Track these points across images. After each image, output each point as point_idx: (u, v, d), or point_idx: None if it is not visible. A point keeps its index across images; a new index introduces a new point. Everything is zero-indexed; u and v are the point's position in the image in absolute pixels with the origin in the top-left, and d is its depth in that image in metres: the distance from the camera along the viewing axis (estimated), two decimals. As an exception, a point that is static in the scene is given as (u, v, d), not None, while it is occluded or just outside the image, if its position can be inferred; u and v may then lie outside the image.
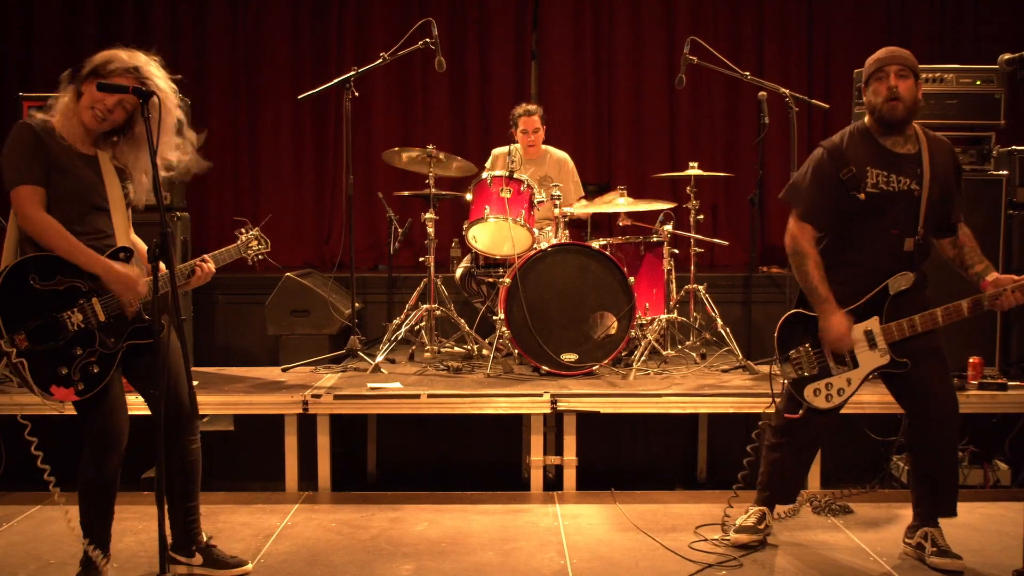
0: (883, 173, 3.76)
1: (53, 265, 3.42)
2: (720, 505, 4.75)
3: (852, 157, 3.79)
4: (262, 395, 5.21)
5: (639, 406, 5.16)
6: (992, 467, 5.37)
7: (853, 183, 3.75)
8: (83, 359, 3.44)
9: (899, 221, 3.77)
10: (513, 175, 5.76)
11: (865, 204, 3.76)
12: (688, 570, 3.89)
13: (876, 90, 3.79)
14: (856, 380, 3.86)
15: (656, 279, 5.94)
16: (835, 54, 8.06)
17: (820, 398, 3.87)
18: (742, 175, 7.62)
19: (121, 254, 3.50)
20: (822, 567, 3.96)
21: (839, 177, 3.77)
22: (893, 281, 3.79)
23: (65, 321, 3.42)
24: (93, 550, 3.58)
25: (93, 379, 3.46)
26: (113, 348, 3.49)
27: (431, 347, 6.03)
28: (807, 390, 3.87)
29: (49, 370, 3.40)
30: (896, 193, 3.76)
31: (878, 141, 3.82)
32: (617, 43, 8.17)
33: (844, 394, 3.86)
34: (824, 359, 3.86)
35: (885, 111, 3.76)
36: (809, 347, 3.87)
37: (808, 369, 3.87)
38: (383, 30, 7.96)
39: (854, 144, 3.83)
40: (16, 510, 4.65)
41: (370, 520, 4.59)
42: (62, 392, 3.41)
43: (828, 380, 3.86)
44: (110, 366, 3.49)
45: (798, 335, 3.90)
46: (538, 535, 4.37)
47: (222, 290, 6.95)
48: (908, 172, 3.77)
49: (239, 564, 3.84)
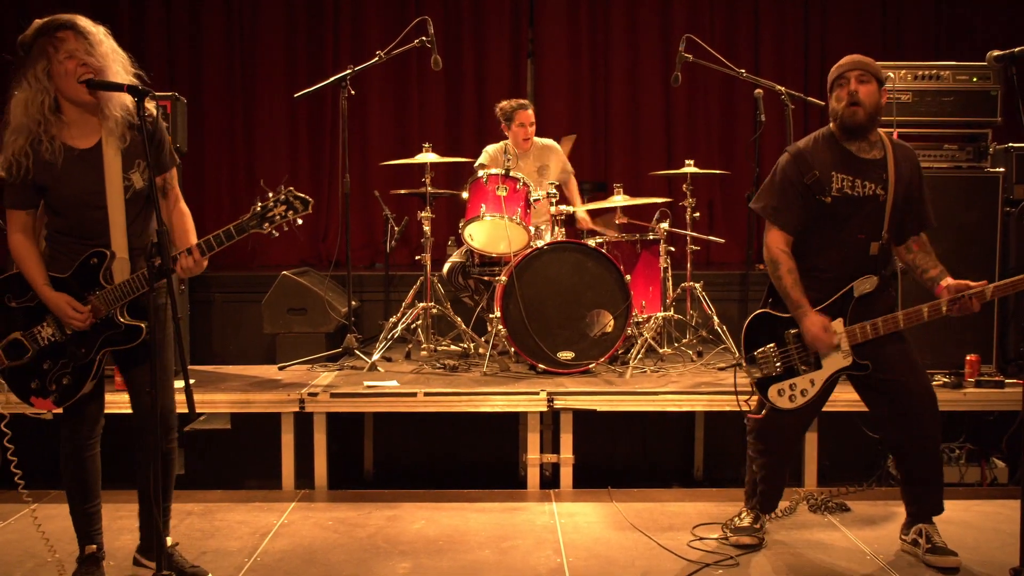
0: (848, 178, 3.79)
1: (26, 283, 3.47)
2: (717, 503, 4.76)
3: (816, 162, 3.81)
4: (259, 393, 5.21)
5: (636, 404, 5.16)
6: (989, 465, 5.38)
7: (818, 187, 3.78)
8: (54, 372, 3.48)
9: (864, 226, 3.81)
10: (509, 173, 5.75)
11: (830, 208, 3.78)
12: (685, 569, 3.89)
13: (838, 96, 3.81)
14: (819, 381, 3.86)
15: (652, 277, 5.94)
16: (831, 51, 8.04)
17: (784, 398, 3.87)
18: (738, 172, 7.63)
19: (93, 259, 3.44)
20: (819, 565, 3.97)
21: (803, 182, 3.80)
22: (858, 284, 3.81)
23: (35, 336, 3.48)
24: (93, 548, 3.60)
25: (67, 390, 3.49)
26: (86, 358, 3.48)
27: (428, 345, 6.03)
28: (771, 390, 3.88)
29: (24, 383, 3.50)
30: (861, 198, 3.79)
31: (843, 147, 3.84)
32: (613, 41, 8.17)
33: (807, 395, 3.86)
34: (789, 360, 3.87)
35: (846, 116, 3.77)
36: (775, 347, 3.88)
37: (772, 369, 3.87)
38: (379, 28, 7.96)
39: (819, 149, 3.85)
40: (13, 508, 4.64)
41: (367, 518, 4.58)
42: (41, 403, 3.50)
43: (792, 380, 3.86)
44: (84, 376, 3.49)
45: (764, 335, 3.91)
46: (535, 533, 4.37)
47: (219, 288, 6.95)
48: (873, 177, 3.80)
49: (198, 574, 3.75)
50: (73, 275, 3.44)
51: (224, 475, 5.41)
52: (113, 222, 3.45)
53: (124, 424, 3.65)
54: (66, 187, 3.39)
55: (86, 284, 3.44)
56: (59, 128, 3.39)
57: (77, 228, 3.45)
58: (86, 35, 3.36)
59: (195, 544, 4.19)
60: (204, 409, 5.23)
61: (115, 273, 3.45)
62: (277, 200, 3.48)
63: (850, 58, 3.86)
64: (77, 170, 3.40)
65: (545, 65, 8.21)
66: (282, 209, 3.49)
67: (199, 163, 7.93)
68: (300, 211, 3.53)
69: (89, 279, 3.45)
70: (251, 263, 8.01)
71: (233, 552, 4.12)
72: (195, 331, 6.52)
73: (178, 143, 5.60)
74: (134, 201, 3.48)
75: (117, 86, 3.31)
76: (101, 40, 3.40)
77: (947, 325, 3.84)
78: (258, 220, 3.48)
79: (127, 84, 3.30)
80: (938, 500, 3.96)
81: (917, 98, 5.63)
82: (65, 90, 3.35)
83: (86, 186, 3.41)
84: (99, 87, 3.33)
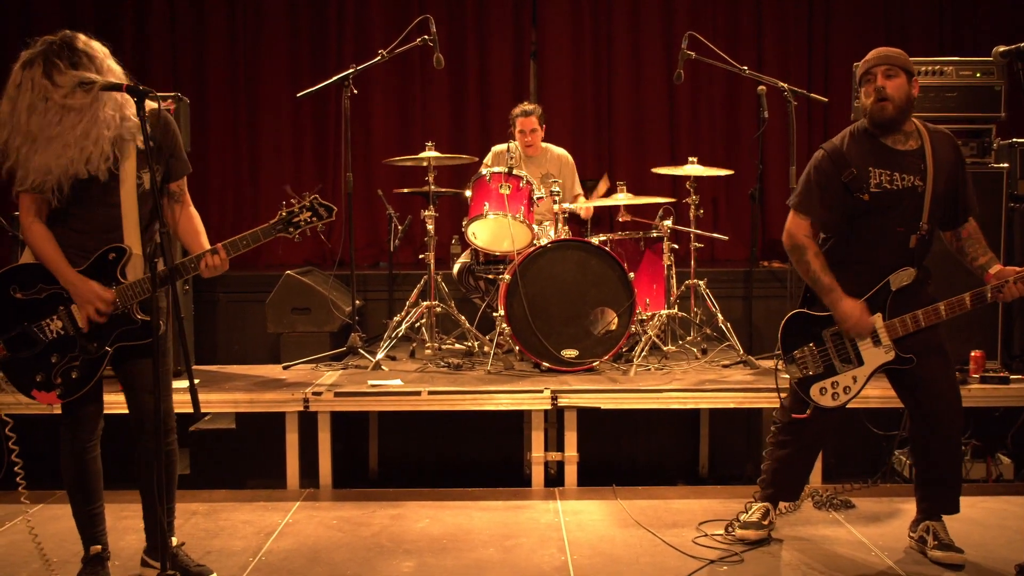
0: (886, 172, 3.74)
1: (35, 274, 3.44)
2: (722, 500, 4.75)
3: (853, 158, 3.77)
4: (263, 393, 5.21)
5: (640, 402, 5.15)
6: (995, 461, 5.36)
7: (856, 185, 3.74)
8: (61, 365, 3.45)
9: (903, 219, 3.76)
10: (512, 171, 5.75)
11: (869, 204, 3.74)
12: (690, 566, 3.88)
13: (866, 92, 3.78)
14: (862, 377, 3.84)
15: (656, 275, 5.93)
16: (834, 47, 8.05)
17: (826, 397, 3.86)
18: (742, 170, 7.61)
19: (111, 255, 3.44)
20: (824, 562, 3.96)
21: (841, 180, 3.76)
22: (895, 277, 3.78)
23: (43, 329, 3.45)
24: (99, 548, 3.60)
25: (74, 384, 3.47)
26: (97, 352, 3.47)
27: (432, 344, 6.02)
28: (813, 389, 3.86)
29: (28, 376, 3.45)
30: (900, 191, 3.74)
31: (878, 140, 3.80)
32: (616, 39, 8.16)
33: (850, 392, 3.85)
34: (829, 358, 3.86)
35: (875, 112, 3.74)
36: (813, 346, 3.87)
37: (813, 368, 3.86)
38: (382, 28, 7.96)
39: (854, 145, 3.82)
40: (18, 509, 4.64)
41: (371, 517, 4.58)
42: (43, 396, 3.47)
43: (834, 379, 3.85)
44: (94, 370, 3.48)
45: (802, 334, 3.89)
46: (539, 531, 4.37)
47: (223, 288, 6.95)
48: (911, 169, 3.75)
49: (203, 573, 3.76)
50: (89, 269, 3.43)
51: (229, 475, 5.41)
52: (127, 219, 3.45)
53: (125, 424, 3.64)
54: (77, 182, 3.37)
55: (103, 279, 3.44)
56: None
57: (91, 222, 3.43)
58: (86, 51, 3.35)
59: (200, 543, 4.19)
60: (209, 409, 5.24)
61: (129, 270, 3.46)
62: (303, 207, 3.57)
63: (876, 52, 3.82)
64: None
65: (548, 64, 8.21)
66: (307, 215, 3.58)
67: (203, 162, 7.92)
68: (324, 218, 3.61)
69: (106, 274, 3.44)
70: (255, 263, 8.01)
71: (238, 551, 4.12)
72: (200, 331, 6.52)
73: (182, 143, 5.60)
74: (144, 200, 3.48)
75: (116, 86, 3.30)
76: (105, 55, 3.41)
77: (951, 322, 3.81)
78: (284, 225, 3.58)
79: (126, 84, 3.27)
80: (953, 500, 3.92)
81: (921, 94, 5.55)
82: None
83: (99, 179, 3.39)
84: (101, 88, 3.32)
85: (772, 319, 6.59)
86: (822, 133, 8.05)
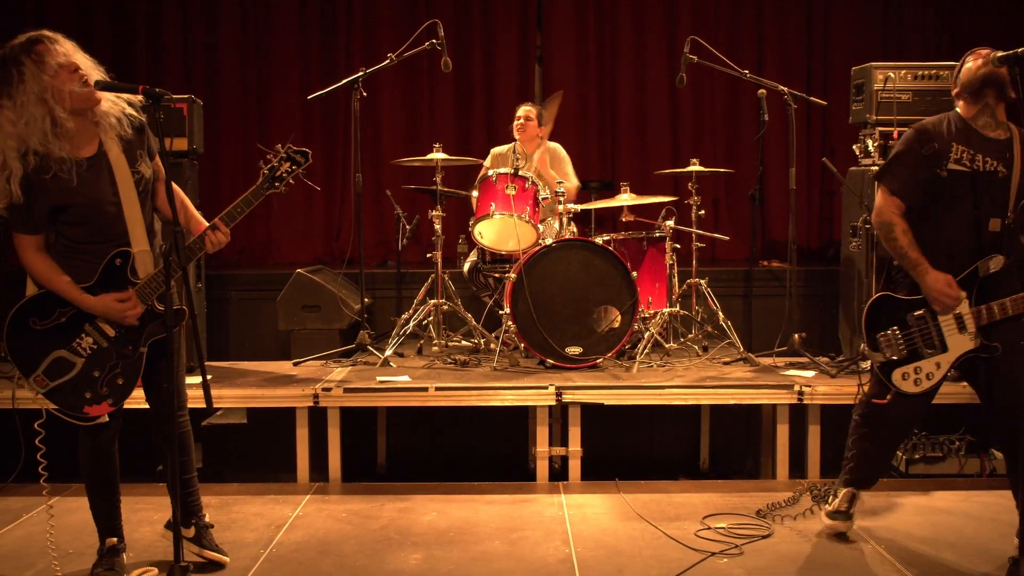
0: (967, 151, 3.66)
1: (49, 302, 3.43)
2: (723, 494, 4.76)
3: (937, 135, 3.69)
4: (274, 389, 5.22)
5: (642, 398, 5.15)
6: (988, 456, 5.36)
7: (935, 159, 3.66)
8: (104, 377, 3.45)
9: (984, 202, 3.66)
10: (518, 172, 5.75)
11: (948, 182, 3.66)
12: (691, 558, 3.89)
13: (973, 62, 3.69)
14: (945, 364, 3.72)
15: (659, 273, 5.94)
16: (833, 52, 8.03)
17: (908, 382, 3.75)
18: (742, 171, 7.61)
19: (117, 260, 3.43)
20: (821, 554, 3.96)
21: (922, 152, 3.69)
22: (983, 264, 3.66)
23: (75, 350, 3.43)
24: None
25: (121, 389, 3.48)
26: (134, 354, 3.48)
27: (439, 341, 6.03)
28: (895, 374, 3.75)
29: (77, 397, 3.44)
30: (980, 173, 3.66)
31: (968, 124, 3.72)
32: (620, 43, 8.15)
33: (933, 379, 3.73)
34: (913, 342, 3.74)
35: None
36: (897, 330, 3.76)
37: (896, 352, 3.75)
38: (390, 32, 7.95)
39: (943, 124, 3.74)
40: (36, 501, 4.65)
41: (380, 510, 4.59)
42: (96, 409, 3.47)
43: (917, 364, 3.74)
44: (136, 372, 3.50)
45: (886, 318, 3.78)
46: (544, 524, 4.37)
47: (235, 286, 6.97)
48: (995, 154, 3.67)
49: (218, 551, 3.81)
50: (98, 281, 3.42)
51: (240, 468, 5.43)
52: (130, 218, 3.44)
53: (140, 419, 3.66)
54: (84, 198, 3.36)
55: (115, 286, 3.43)
56: (61, 144, 3.30)
57: (96, 234, 3.42)
58: (61, 43, 3.30)
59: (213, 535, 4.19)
60: (221, 404, 5.25)
61: (138, 267, 3.45)
62: (281, 159, 3.56)
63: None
64: (90, 178, 3.37)
65: (553, 67, 8.20)
66: (287, 166, 3.57)
67: (215, 163, 7.94)
68: (303, 164, 3.59)
69: (118, 280, 3.44)
70: (266, 261, 8.02)
71: (249, 543, 4.13)
72: (212, 328, 6.54)
73: (195, 144, 5.61)
74: (144, 192, 3.49)
75: (131, 88, 3.28)
76: (75, 47, 3.36)
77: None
78: (270, 183, 3.57)
79: (142, 87, 3.24)
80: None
81: (917, 97, 5.62)
82: (64, 101, 3.26)
83: (101, 191, 3.39)
84: (109, 88, 3.32)
85: (771, 317, 6.59)
86: (821, 135, 8.05)
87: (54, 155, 3.28)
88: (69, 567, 3.81)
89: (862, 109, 5.77)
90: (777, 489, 4.89)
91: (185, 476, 3.72)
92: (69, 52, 3.29)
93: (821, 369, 5.47)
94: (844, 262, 6.03)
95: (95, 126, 3.39)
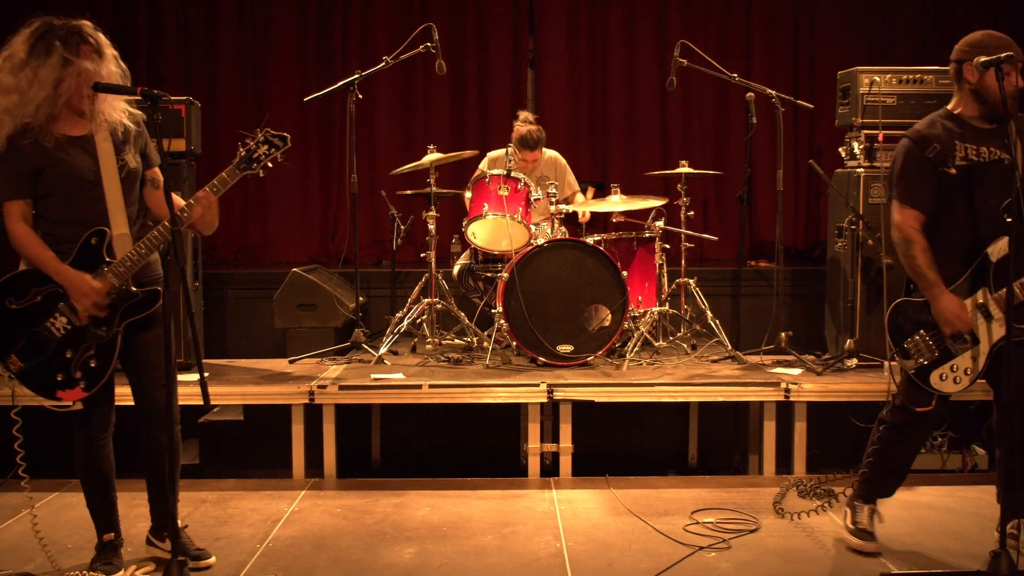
0: (971, 147, 3.63)
1: (26, 280, 3.42)
2: (711, 489, 4.77)
3: (936, 137, 3.65)
4: (270, 386, 5.22)
5: (632, 395, 5.16)
6: (970, 452, 5.39)
7: (940, 159, 3.61)
8: (78, 358, 3.43)
9: (994, 191, 3.60)
10: (511, 174, 5.76)
11: (958, 178, 3.62)
12: (679, 552, 3.90)
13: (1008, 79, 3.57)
14: (982, 356, 3.62)
15: (648, 273, 5.94)
16: (820, 57, 8.04)
17: (947, 382, 3.64)
18: (731, 173, 7.62)
19: (93, 239, 3.41)
20: (807, 548, 3.97)
21: (926, 156, 3.63)
22: (992, 248, 3.59)
23: (49, 330, 3.42)
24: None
25: (95, 373, 3.45)
26: (108, 335, 3.45)
27: (432, 339, 6.03)
28: (932, 377, 3.64)
29: (48, 379, 3.43)
30: (988, 163, 3.62)
31: (962, 119, 3.69)
32: (611, 47, 8.15)
33: (971, 373, 3.63)
34: (942, 342, 3.64)
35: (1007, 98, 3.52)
36: (924, 333, 3.66)
37: (928, 356, 3.65)
38: (386, 35, 7.94)
39: (937, 125, 3.70)
40: (35, 497, 4.64)
41: (374, 505, 4.59)
42: (69, 394, 3.45)
43: (952, 363, 3.63)
44: (110, 355, 3.47)
45: (909, 324, 3.69)
46: (535, 519, 4.38)
47: (232, 285, 6.96)
48: (995, 143, 3.64)
49: (201, 556, 3.77)
50: (75, 260, 3.40)
51: (237, 464, 5.42)
52: (111, 201, 3.43)
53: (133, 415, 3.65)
54: (62, 166, 3.37)
55: (90, 265, 3.41)
56: (52, 119, 3.37)
57: (75, 212, 3.41)
58: (97, 43, 3.36)
59: (209, 531, 4.20)
60: (218, 401, 5.24)
61: (117, 249, 3.43)
62: (258, 142, 3.59)
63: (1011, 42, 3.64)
64: (72, 152, 3.40)
65: (545, 71, 8.20)
66: (265, 148, 3.60)
67: (213, 164, 7.82)
68: (281, 147, 3.61)
69: (93, 259, 3.42)
70: (263, 261, 8.01)
71: (245, 538, 4.14)
72: (209, 326, 6.52)
73: (192, 145, 5.61)
74: (129, 180, 3.48)
75: (129, 90, 3.31)
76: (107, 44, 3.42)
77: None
78: (246, 164, 3.58)
79: (140, 88, 3.27)
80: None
81: (902, 101, 5.63)
82: (71, 97, 3.36)
83: (81, 167, 3.40)
84: (106, 90, 3.33)
85: (759, 316, 6.61)
86: (808, 138, 8.06)
87: (40, 125, 3.34)
88: (68, 562, 3.81)
89: (848, 112, 5.78)
90: (764, 485, 4.91)
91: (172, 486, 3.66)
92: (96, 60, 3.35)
93: (807, 367, 5.49)
94: (830, 262, 6.04)
95: (89, 119, 3.42)
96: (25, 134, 3.34)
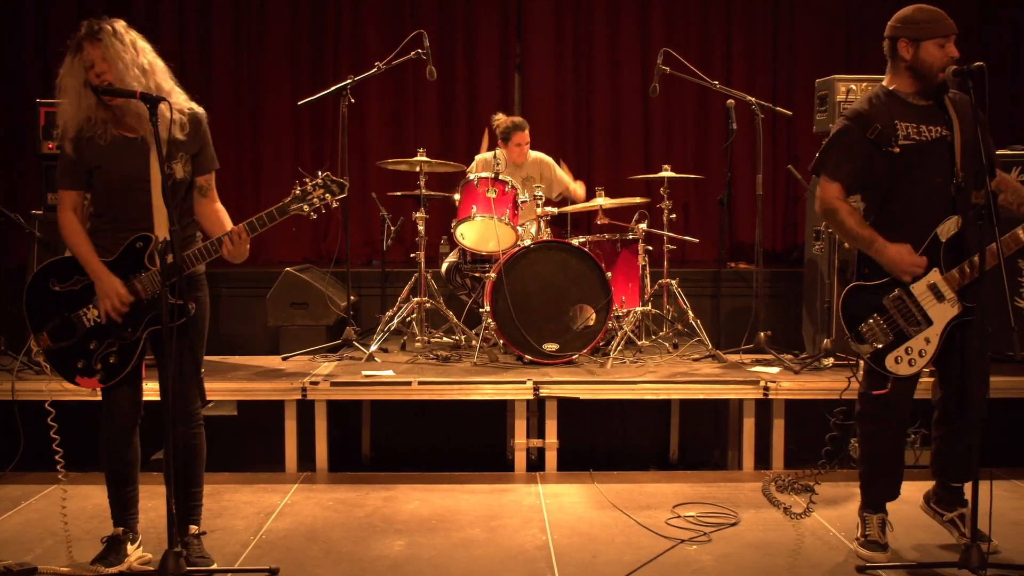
0: (912, 125, 3.57)
1: (71, 266, 3.46)
2: (691, 484, 4.79)
3: (876, 116, 3.59)
4: (263, 382, 5.21)
5: (616, 392, 5.18)
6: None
7: (883, 139, 3.55)
8: (100, 351, 3.44)
9: (939, 169, 3.55)
10: (498, 177, 5.77)
11: (902, 157, 3.55)
12: (661, 545, 3.91)
13: (935, 50, 3.58)
14: (935, 337, 3.57)
15: (632, 274, 5.96)
16: (798, 65, 8.06)
17: (903, 365, 3.59)
18: (712, 177, 7.64)
19: (138, 243, 3.43)
20: (785, 542, 3.99)
21: (867, 137, 3.57)
22: (941, 228, 3.55)
23: (80, 318, 3.44)
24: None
25: (113, 368, 3.46)
26: (132, 337, 3.46)
27: (421, 337, 6.03)
28: (887, 360, 3.59)
29: (71, 364, 3.46)
30: (930, 142, 3.57)
31: (899, 97, 3.64)
32: (596, 53, 8.16)
33: (926, 355, 3.59)
34: (896, 325, 3.58)
35: (941, 73, 3.55)
36: (878, 316, 3.60)
37: (883, 339, 3.59)
38: (377, 41, 7.93)
39: (876, 105, 3.63)
40: (34, 489, 4.64)
41: (365, 499, 4.59)
42: (86, 381, 3.47)
43: (906, 345, 3.58)
44: (131, 355, 3.47)
45: (862, 309, 3.62)
46: (522, 513, 4.39)
47: (225, 284, 6.94)
48: (936, 120, 3.59)
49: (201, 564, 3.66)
50: (118, 259, 3.43)
51: (231, 459, 5.40)
52: (156, 207, 3.43)
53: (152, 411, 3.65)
54: (114, 167, 3.40)
55: (132, 267, 3.43)
56: (109, 117, 3.41)
57: (122, 212, 3.44)
58: (108, 46, 3.34)
59: (204, 523, 4.13)
60: (212, 397, 5.23)
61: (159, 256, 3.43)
62: (316, 184, 3.57)
63: (946, 17, 3.62)
64: (125, 153, 3.42)
65: (532, 76, 8.20)
66: (320, 192, 3.58)
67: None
68: (337, 194, 3.59)
69: (134, 262, 3.43)
70: (257, 260, 7.98)
71: (239, 531, 4.13)
72: (204, 324, 6.50)
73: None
74: (173, 190, 3.46)
75: (128, 93, 3.29)
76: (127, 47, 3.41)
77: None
78: (298, 202, 3.56)
79: (139, 91, 3.26)
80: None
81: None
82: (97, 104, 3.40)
83: (132, 169, 3.41)
84: (106, 93, 3.32)
85: (739, 316, 6.63)
86: (786, 144, 8.09)
87: (97, 121, 3.38)
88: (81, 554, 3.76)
89: (825, 119, 5.80)
90: (743, 480, 4.93)
91: (192, 489, 3.67)
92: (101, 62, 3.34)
93: (785, 366, 5.51)
94: (808, 264, 6.07)
95: (140, 119, 3.41)
96: (86, 131, 3.39)
